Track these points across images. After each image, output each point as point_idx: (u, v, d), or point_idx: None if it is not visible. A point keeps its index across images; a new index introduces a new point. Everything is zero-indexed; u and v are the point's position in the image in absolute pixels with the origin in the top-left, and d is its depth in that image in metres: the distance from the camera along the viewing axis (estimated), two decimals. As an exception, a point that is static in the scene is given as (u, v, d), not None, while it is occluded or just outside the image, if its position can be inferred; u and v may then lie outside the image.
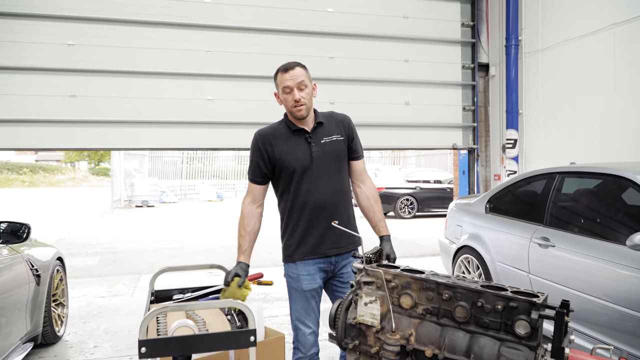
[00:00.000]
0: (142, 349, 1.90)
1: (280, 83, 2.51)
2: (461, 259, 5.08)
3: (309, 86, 2.54)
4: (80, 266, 8.06)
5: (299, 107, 2.50)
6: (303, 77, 2.50)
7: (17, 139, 6.22)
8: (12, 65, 6.08)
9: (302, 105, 2.50)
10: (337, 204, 2.59)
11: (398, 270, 1.95)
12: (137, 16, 6.44)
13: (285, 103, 2.55)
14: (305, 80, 2.51)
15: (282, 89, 2.51)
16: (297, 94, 2.48)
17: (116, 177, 19.67)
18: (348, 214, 2.66)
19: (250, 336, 2.00)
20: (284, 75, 2.49)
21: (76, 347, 4.38)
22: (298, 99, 2.48)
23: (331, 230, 2.51)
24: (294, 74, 2.48)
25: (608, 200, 3.82)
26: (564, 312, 1.62)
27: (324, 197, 2.56)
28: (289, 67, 2.50)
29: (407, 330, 1.84)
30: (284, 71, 2.49)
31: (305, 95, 2.50)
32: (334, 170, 2.61)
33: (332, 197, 2.58)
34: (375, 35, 7.39)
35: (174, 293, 2.82)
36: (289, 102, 2.51)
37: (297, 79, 2.48)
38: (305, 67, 2.56)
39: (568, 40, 6.52)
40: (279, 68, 2.54)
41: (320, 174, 2.56)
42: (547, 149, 7.01)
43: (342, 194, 2.63)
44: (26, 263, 3.91)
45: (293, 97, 2.48)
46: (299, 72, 2.49)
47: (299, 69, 2.51)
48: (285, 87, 2.49)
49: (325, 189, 2.57)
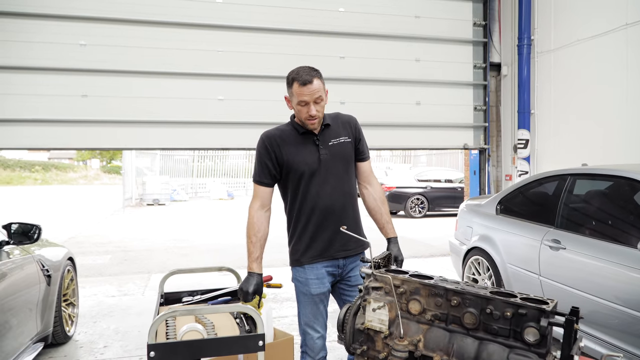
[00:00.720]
0: (151, 353, 1.91)
1: (297, 95, 2.42)
2: (471, 261, 5.05)
3: (324, 97, 2.49)
4: (91, 265, 8.13)
5: (313, 121, 2.47)
6: (320, 91, 2.43)
7: (30, 139, 6.26)
8: (25, 65, 6.12)
9: (317, 118, 2.47)
10: (345, 207, 2.57)
11: (407, 275, 1.94)
12: (149, 16, 6.47)
13: (299, 114, 2.49)
14: (322, 93, 2.45)
15: (298, 101, 2.43)
16: (314, 110, 2.42)
17: (128, 175, 19.82)
18: (355, 217, 2.65)
19: (259, 341, 2.01)
20: (302, 89, 2.39)
21: (86, 347, 4.41)
22: (314, 115, 2.43)
23: (339, 233, 2.48)
24: (312, 88, 2.40)
25: (620, 203, 3.78)
26: (573, 319, 1.61)
27: (332, 200, 2.54)
28: (307, 81, 2.39)
29: (416, 336, 1.83)
30: (302, 85, 2.39)
31: (320, 108, 2.46)
32: (342, 173, 2.58)
33: (341, 199, 2.57)
34: (387, 35, 7.37)
35: (183, 295, 2.83)
36: (303, 114, 2.46)
37: (315, 95, 2.41)
38: (320, 75, 2.48)
39: (580, 40, 6.46)
40: (295, 77, 2.43)
41: (328, 176, 2.54)
42: (559, 149, 6.95)
43: (350, 197, 2.61)
44: (37, 263, 3.95)
45: (309, 111, 2.43)
46: (317, 87, 2.41)
47: (317, 82, 2.42)
48: (302, 101, 2.42)
49: (334, 192, 2.55)
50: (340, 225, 2.35)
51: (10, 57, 6.10)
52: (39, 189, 31.78)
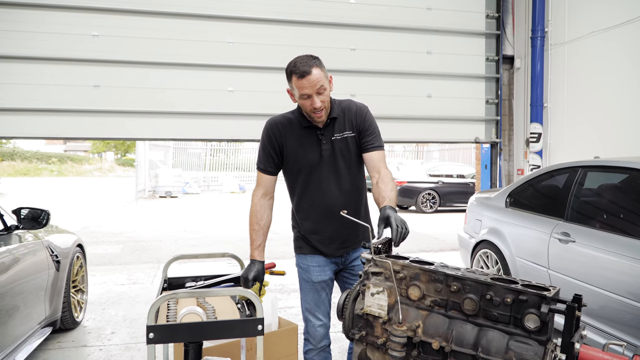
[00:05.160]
0: (150, 334, 1.91)
1: (298, 88, 2.28)
2: (480, 254, 5.01)
3: (327, 86, 2.32)
4: (103, 254, 8.20)
5: (319, 113, 2.32)
6: (322, 80, 2.26)
7: (41, 128, 6.31)
8: (38, 56, 6.16)
9: (322, 110, 2.32)
10: (346, 206, 2.37)
11: (407, 261, 1.92)
12: (160, 7, 6.48)
13: (303, 107, 2.35)
14: (324, 82, 2.28)
15: (300, 95, 2.29)
16: (317, 101, 2.27)
17: (140, 167, 19.93)
18: (358, 213, 2.52)
19: (258, 325, 2.00)
20: (302, 81, 2.24)
21: (94, 332, 4.45)
22: (319, 107, 2.28)
23: (339, 232, 2.45)
24: (312, 80, 2.23)
25: (632, 196, 3.70)
26: (574, 306, 1.57)
27: (332, 199, 2.45)
28: (305, 72, 2.22)
29: (415, 322, 1.81)
30: (301, 77, 2.23)
31: (325, 97, 2.30)
32: (344, 169, 2.46)
33: (342, 197, 2.46)
34: (398, 27, 7.30)
35: (187, 281, 2.83)
36: (308, 107, 2.31)
37: (316, 85, 2.24)
38: (320, 63, 2.30)
39: (595, 31, 6.35)
40: (292, 69, 2.27)
41: (329, 173, 2.44)
42: (572, 143, 6.86)
43: (352, 194, 2.51)
44: (46, 249, 3.98)
45: (312, 103, 2.28)
46: (316, 76, 2.24)
47: (316, 72, 2.24)
48: (303, 94, 2.27)
49: (335, 190, 2.45)
50: (340, 224, 2.27)
51: (22, 48, 6.14)
52: (54, 181, 32.13)
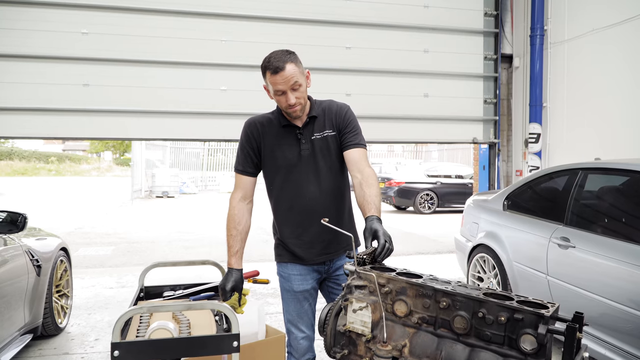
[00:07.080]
0: (115, 352, 1.77)
1: (272, 84, 2.21)
2: (477, 258, 4.86)
3: (303, 82, 2.24)
4: (94, 256, 8.05)
5: (294, 109, 2.24)
6: (296, 76, 2.18)
7: (32, 128, 6.17)
8: (25, 54, 6.02)
9: (298, 106, 2.24)
10: (328, 208, 2.31)
11: (393, 274, 1.76)
12: (151, 4, 6.34)
13: (279, 104, 2.28)
14: (298, 78, 2.20)
15: (274, 91, 2.22)
16: (292, 98, 2.20)
17: (137, 167, 19.78)
18: (341, 217, 2.40)
19: (234, 341, 1.86)
20: (275, 77, 2.17)
21: (77, 339, 4.30)
22: (293, 103, 2.21)
23: (320, 236, 2.30)
24: (285, 76, 2.16)
25: (635, 199, 3.55)
26: (575, 327, 1.43)
27: (311, 200, 2.32)
28: (278, 68, 2.15)
29: (401, 341, 1.66)
30: (274, 73, 2.16)
31: (300, 94, 2.22)
32: (325, 169, 2.34)
33: (322, 198, 2.33)
34: (395, 25, 7.15)
35: (165, 289, 2.69)
36: (283, 104, 2.24)
37: (290, 81, 2.17)
38: (295, 57, 2.23)
39: (596, 30, 6.20)
40: (266, 65, 2.21)
41: (309, 174, 2.32)
42: (572, 144, 6.71)
43: (334, 196, 2.37)
44: (26, 254, 3.83)
45: (287, 100, 2.20)
46: (290, 72, 2.16)
47: (290, 67, 2.17)
48: (277, 90, 2.20)
49: (315, 190, 2.32)
50: (321, 228, 2.09)
51: (11, 46, 5.99)
52: (52, 180, 32.02)
